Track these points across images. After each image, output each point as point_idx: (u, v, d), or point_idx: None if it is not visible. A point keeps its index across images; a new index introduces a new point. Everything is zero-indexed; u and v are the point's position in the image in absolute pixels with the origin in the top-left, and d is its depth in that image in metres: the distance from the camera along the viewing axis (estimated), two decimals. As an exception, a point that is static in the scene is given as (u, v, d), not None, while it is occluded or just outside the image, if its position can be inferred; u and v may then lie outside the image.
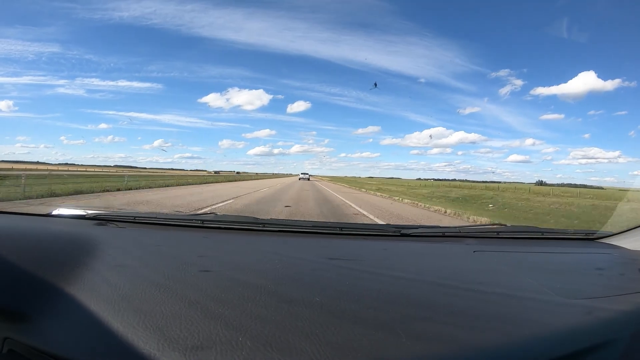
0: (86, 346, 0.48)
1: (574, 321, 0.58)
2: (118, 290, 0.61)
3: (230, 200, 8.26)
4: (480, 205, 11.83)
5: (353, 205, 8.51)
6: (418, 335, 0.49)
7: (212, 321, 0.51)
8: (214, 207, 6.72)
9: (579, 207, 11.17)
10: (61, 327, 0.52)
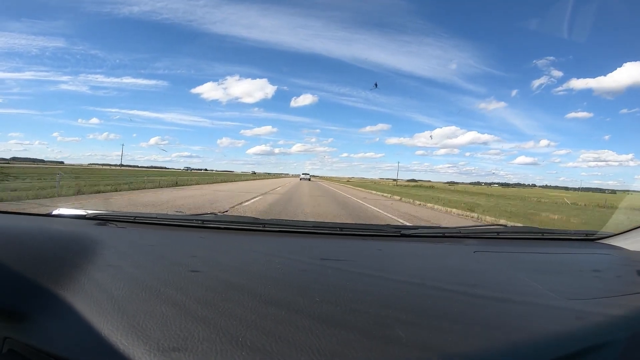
0: (84, 346, 0.49)
1: (574, 322, 0.58)
2: (115, 291, 0.61)
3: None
4: None
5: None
6: (415, 339, 0.48)
7: (198, 324, 0.50)
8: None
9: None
10: (61, 327, 0.53)
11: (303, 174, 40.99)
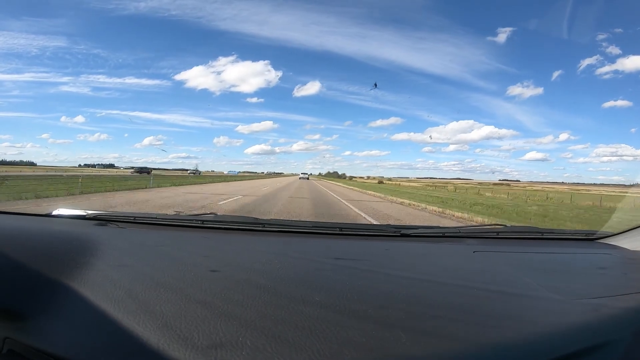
0: (86, 346, 0.48)
1: (574, 321, 0.58)
2: (118, 290, 0.60)
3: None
4: None
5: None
6: (418, 333, 0.50)
7: (223, 320, 0.51)
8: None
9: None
10: (61, 327, 0.52)
11: (302, 173, 49.87)
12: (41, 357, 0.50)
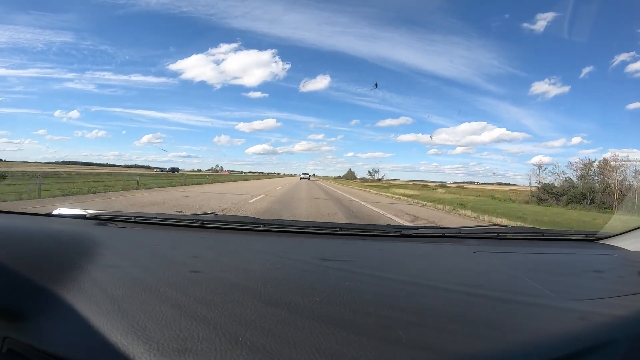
0: (84, 346, 0.49)
1: (575, 322, 0.58)
2: (115, 291, 0.60)
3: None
4: None
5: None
6: (416, 341, 0.48)
7: (199, 324, 0.50)
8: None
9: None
10: (60, 326, 0.53)
11: (303, 173, 45.54)
12: (41, 356, 0.50)
